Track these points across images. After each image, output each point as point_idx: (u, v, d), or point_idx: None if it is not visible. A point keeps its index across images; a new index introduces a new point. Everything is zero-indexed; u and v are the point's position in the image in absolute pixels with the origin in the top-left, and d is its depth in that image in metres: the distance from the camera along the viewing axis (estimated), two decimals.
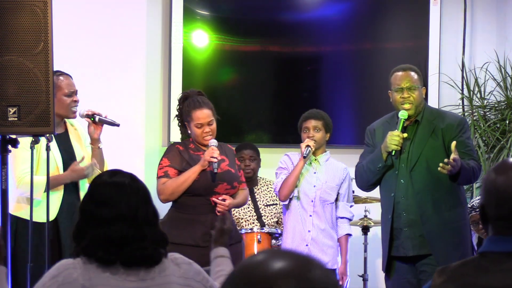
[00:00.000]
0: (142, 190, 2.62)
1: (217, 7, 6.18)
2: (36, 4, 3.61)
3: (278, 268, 1.36)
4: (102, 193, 2.61)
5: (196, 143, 4.66)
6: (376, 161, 4.45)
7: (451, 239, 4.41)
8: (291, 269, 1.36)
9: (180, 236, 4.48)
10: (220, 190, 4.59)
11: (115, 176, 2.65)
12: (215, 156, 4.49)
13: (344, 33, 6.34)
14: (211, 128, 4.62)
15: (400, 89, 4.44)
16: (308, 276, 1.36)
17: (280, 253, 1.40)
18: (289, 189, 4.87)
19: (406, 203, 4.41)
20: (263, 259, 1.39)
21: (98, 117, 4.54)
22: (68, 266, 2.57)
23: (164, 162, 4.63)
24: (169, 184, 4.54)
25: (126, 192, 2.59)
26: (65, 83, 4.57)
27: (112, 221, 2.55)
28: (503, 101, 6.29)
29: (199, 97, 4.69)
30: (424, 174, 4.41)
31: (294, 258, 1.39)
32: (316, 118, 4.95)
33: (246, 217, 5.71)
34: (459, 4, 6.45)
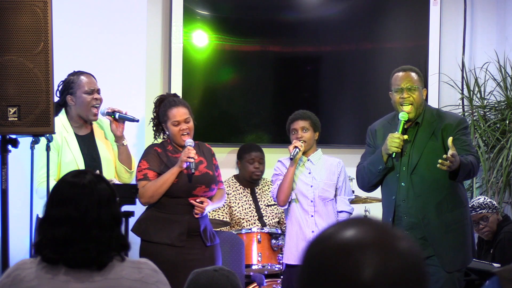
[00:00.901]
0: (98, 192, 2.60)
1: (217, 7, 6.18)
2: (36, 4, 3.61)
3: (360, 237, 1.27)
4: (56, 193, 2.63)
5: (174, 144, 4.67)
6: (376, 163, 4.44)
7: (454, 240, 4.40)
8: (374, 239, 1.27)
9: (157, 235, 4.50)
10: (199, 193, 4.60)
11: (76, 176, 2.64)
12: (191, 156, 4.49)
13: (344, 33, 6.34)
14: (188, 126, 4.62)
15: (400, 89, 4.43)
16: (394, 247, 1.27)
17: (362, 222, 1.30)
18: (285, 194, 4.85)
19: (407, 206, 4.40)
20: (343, 228, 1.29)
21: (118, 114, 4.56)
22: (19, 266, 2.61)
23: (142, 165, 4.62)
24: (148, 187, 4.54)
25: (79, 193, 2.58)
26: (85, 81, 4.59)
27: (61, 221, 2.56)
28: (503, 101, 6.29)
29: (175, 98, 4.73)
30: (424, 176, 4.40)
31: (378, 227, 1.28)
32: (303, 119, 4.93)
33: (247, 217, 5.71)
34: (459, 4, 6.45)
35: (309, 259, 1.29)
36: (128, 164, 4.61)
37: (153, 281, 2.61)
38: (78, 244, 2.54)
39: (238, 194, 5.81)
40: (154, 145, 4.74)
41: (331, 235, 1.29)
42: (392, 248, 1.26)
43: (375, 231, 1.27)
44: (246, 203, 5.78)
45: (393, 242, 1.27)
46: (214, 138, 6.04)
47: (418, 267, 1.27)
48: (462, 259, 4.42)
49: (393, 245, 1.27)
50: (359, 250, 1.25)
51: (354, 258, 1.24)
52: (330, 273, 1.24)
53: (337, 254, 1.26)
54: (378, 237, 1.27)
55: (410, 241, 1.29)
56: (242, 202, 5.78)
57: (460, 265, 4.41)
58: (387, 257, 1.24)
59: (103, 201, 2.59)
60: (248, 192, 5.84)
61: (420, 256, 1.28)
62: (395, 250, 1.26)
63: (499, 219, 5.52)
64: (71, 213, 2.56)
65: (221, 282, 2.71)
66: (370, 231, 1.27)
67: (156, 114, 4.74)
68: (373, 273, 1.23)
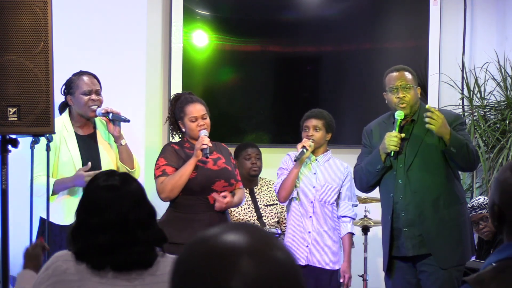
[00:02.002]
0: (133, 193, 2.60)
1: (217, 7, 6.18)
2: (36, 4, 3.61)
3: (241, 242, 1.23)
4: (92, 200, 2.61)
5: (190, 141, 4.68)
6: (375, 163, 4.44)
7: (450, 238, 4.40)
8: (250, 245, 1.23)
9: (180, 236, 4.49)
10: (218, 188, 4.60)
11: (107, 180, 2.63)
12: (205, 143, 4.51)
13: (344, 33, 6.34)
14: (206, 122, 4.65)
15: (395, 88, 4.44)
16: (270, 255, 1.24)
17: (242, 227, 1.27)
18: (286, 191, 4.85)
19: (405, 203, 4.41)
20: (222, 232, 1.26)
21: (112, 114, 4.56)
22: (58, 258, 2.60)
23: (160, 162, 4.64)
24: (167, 181, 4.55)
25: (116, 197, 2.58)
26: (84, 82, 4.60)
27: (102, 228, 2.55)
28: (503, 101, 6.29)
29: (191, 95, 4.76)
30: (420, 173, 4.40)
31: (256, 234, 1.25)
32: (317, 118, 4.94)
33: (246, 217, 5.71)
34: (459, 4, 6.45)
35: (184, 259, 1.26)
36: (129, 163, 4.61)
37: None
38: (125, 248, 2.54)
39: None
40: (171, 142, 4.78)
41: (209, 238, 1.26)
42: (267, 256, 1.23)
43: (253, 238, 1.24)
44: (245, 203, 5.78)
45: (269, 250, 1.24)
46: (214, 138, 6.00)
47: (292, 277, 1.24)
48: (458, 256, 4.41)
49: (268, 253, 1.23)
50: (232, 255, 1.22)
51: (225, 263, 1.21)
52: (201, 277, 1.21)
53: (209, 257, 1.22)
54: (254, 244, 1.23)
55: (287, 251, 1.26)
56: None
57: (456, 262, 4.40)
58: (260, 264, 1.21)
59: (138, 200, 2.60)
60: (247, 192, 5.84)
61: (296, 268, 1.25)
62: (270, 259, 1.23)
63: None
64: (112, 219, 2.55)
65: None
66: (248, 237, 1.24)
67: (172, 112, 4.76)
68: (244, 280, 1.19)
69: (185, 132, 4.71)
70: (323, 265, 4.83)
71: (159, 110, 6.16)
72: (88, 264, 2.55)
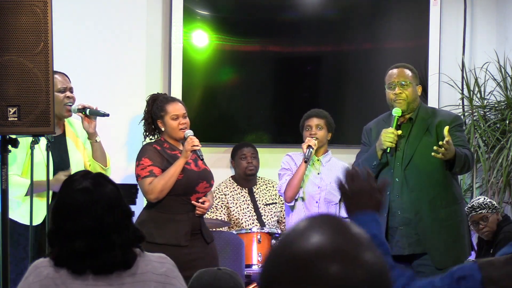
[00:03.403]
0: (108, 196, 2.57)
1: (217, 7, 6.18)
2: (36, 4, 3.60)
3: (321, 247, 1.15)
4: (66, 204, 2.58)
5: (170, 142, 4.65)
6: (371, 159, 4.44)
7: (447, 237, 4.40)
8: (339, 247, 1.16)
9: (163, 236, 4.48)
10: (200, 189, 4.60)
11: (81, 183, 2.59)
12: (196, 144, 4.50)
13: (344, 33, 6.34)
14: (186, 121, 4.63)
15: (393, 84, 4.44)
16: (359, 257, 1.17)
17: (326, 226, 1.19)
18: (294, 191, 4.85)
19: (401, 201, 4.40)
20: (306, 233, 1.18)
21: (89, 110, 4.49)
22: (39, 265, 2.58)
23: (145, 162, 4.59)
24: (157, 182, 4.52)
25: (90, 201, 2.54)
26: (57, 80, 4.52)
27: (78, 233, 2.52)
28: (503, 101, 6.29)
29: (168, 96, 4.77)
30: (418, 172, 4.40)
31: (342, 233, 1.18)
32: (319, 117, 4.95)
33: (246, 217, 5.71)
34: (459, 4, 6.45)
35: (269, 267, 1.20)
36: (103, 161, 4.54)
37: (174, 275, 2.63)
38: (102, 252, 2.53)
39: (235, 194, 5.81)
40: (151, 143, 4.72)
41: (291, 243, 1.19)
42: (355, 258, 1.16)
43: (339, 238, 1.17)
44: (244, 203, 5.78)
45: (357, 251, 1.17)
46: (214, 138, 6.04)
47: (382, 279, 1.17)
48: (455, 256, 4.41)
49: (356, 255, 1.16)
50: (319, 263, 1.15)
51: (314, 272, 1.14)
52: (287, 284, 1.16)
53: (294, 264, 1.16)
54: (341, 246, 1.16)
55: (376, 252, 1.19)
56: (240, 202, 5.78)
57: (452, 262, 4.40)
58: (348, 268, 1.14)
59: (113, 203, 2.57)
60: (246, 192, 5.84)
61: (385, 267, 1.18)
62: (359, 261, 1.16)
63: (499, 219, 5.52)
64: (87, 223, 2.53)
65: (224, 279, 2.74)
66: (334, 238, 1.17)
67: (148, 112, 4.72)
68: (332, 286, 1.14)
69: (164, 131, 4.67)
70: None
71: None
72: (68, 269, 2.54)
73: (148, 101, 4.77)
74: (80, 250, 2.52)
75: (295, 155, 4.97)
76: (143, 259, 2.61)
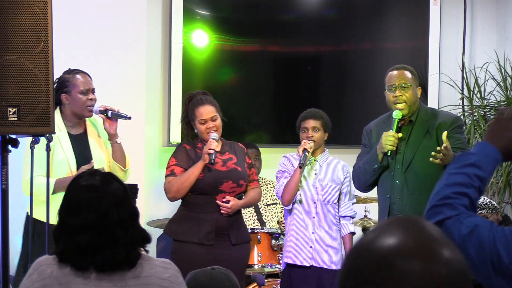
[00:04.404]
0: (113, 193, 2.58)
1: (217, 7, 6.18)
2: (36, 4, 3.61)
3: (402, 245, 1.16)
4: (71, 200, 2.60)
5: (203, 142, 4.69)
6: (372, 162, 4.44)
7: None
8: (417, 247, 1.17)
9: (186, 234, 4.54)
10: (226, 189, 4.61)
11: (87, 180, 2.61)
12: (212, 147, 4.52)
13: (344, 33, 6.34)
14: (215, 124, 4.65)
15: (393, 87, 4.44)
16: (438, 255, 1.17)
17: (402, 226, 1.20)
18: (291, 194, 4.85)
19: (401, 204, 4.40)
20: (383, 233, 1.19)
21: (111, 112, 4.53)
22: (42, 263, 2.59)
23: (171, 162, 4.69)
24: (174, 182, 4.59)
25: (95, 197, 2.56)
26: (81, 81, 4.57)
27: (81, 229, 2.54)
28: (503, 101, 6.29)
29: (203, 96, 4.75)
30: (418, 174, 4.40)
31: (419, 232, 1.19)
32: (315, 118, 4.92)
33: (246, 217, 5.71)
34: (459, 4, 6.45)
35: (350, 270, 1.21)
36: (122, 162, 4.58)
37: (178, 281, 2.63)
38: (105, 249, 2.53)
39: None
40: (185, 142, 4.80)
41: (370, 243, 1.20)
42: (435, 256, 1.17)
43: (416, 237, 1.18)
44: None
45: (436, 249, 1.18)
46: None
47: (463, 274, 1.19)
48: None
49: (436, 253, 1.17)
50: (401, 261, 1.16)
51: (397, 270, 1.15)
52: (370, 285, 1.17)
53: (378, 266, 1.17)
54: (419, 245, 1.17)
55: (454, 248, 1.20)
56: None
57: None
58: (428, 267, 1.15)
59: (119, 200, 2.58)
60: None
61: (464, 263, 1.20)
62: (438, 259, 1.17)
63: (498, 219, 5.51)
64: (91, 219, 2.54)
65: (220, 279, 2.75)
66: (412, 237, 1.18)
67: (185, 112, 4.76)
68: (414, 284, 1.15)
69: (197, 133, 4.73)
70: (326, 265, 4.82)
71: (159, 110, 6.16)
72: (71, 266, 2.55)
73: (185, 101, 4.82)
74: (82, 246, 2.52)
75: (292, 156, 4.96)
76: (147, 263, 2.61)
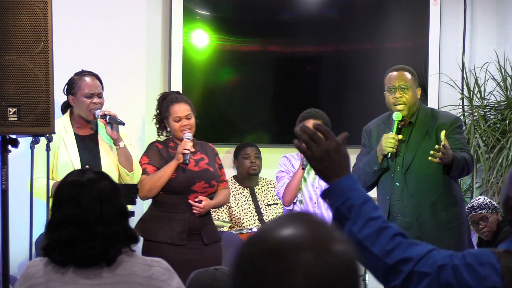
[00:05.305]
0: (99, 190, 2.60)
1: (217, 7, 6.18)
2: (36, 4, 3.61)
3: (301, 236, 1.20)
4: (57, 195, 2.64)
5: (175, 141, 4.69)
6: (372, 164, 4.44)
7: (449, 240, 4.39)
8: (312, 239, 1.20)
9: (158, 234, 4.51)
10: (198, 189, 4.61)
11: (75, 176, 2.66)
12: (187, 148, 4.51)
13: (344, 33, 6.34)
14: (189, 122, 4.64)
15: (393, 88, 4.43)
16: (331, 249, 1.21)
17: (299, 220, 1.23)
18: (292, 195, 4.84)
19: (401, 206, 4.40)
20: (280, 226, 1.22)
21: (108, 117, 4.54)
22: (29, 265, 2.65)
23: (143, 160, 4.68)
24: (146, 181, 4.57)
25: (79, 193, 2.59)
26: (86, 83, 4.58)
27: (64, 222, 2.57)
28: (503, 101, 6.29)
29: (177, 95, 4.77)
30: (418, 176, 4.39)
31: (314, 226, 1.22)
32: (315, 118, 4.91)
33: (247, 217, 5.71)
34: (459, 4, 6.45)
35: (243, 259, 1.24)
36: (128, 166, 4.58)
37: (164, 278, 2.62)
38: (83, 243, 2.56)
39: (237, 194, 5.81)
40: (156, 141, 4.79)
41: (266, 234, 1.23)
42: (328, 249, 1.20)
43: (312, 231, 1.21)
44: (246, 203, 5.78)
45: (329, 243, 1.21)
46: (214, 138, 6.03)
47: (352, 268, 1.21)
48: None
49: (329, 247, 1.20)
50: (292, 252, 1.18)
51: (286, 261, 1.18)
52: (262, 276, 1.19)
53: (269, 256, 1.20)
54: (314, 238, 1.20)
55: (347, 243, 1.23)
56: (242, 202, 5.78)
57: None
58: (321, 259, 1.18)
59: (104, 197, 2.60)
60: (247, 192, 5.84)
61: (355, 258, 1.23)
62: (331, 252, 1.20)
63: (498, 219, 5.51)
64: (73, 213, 2.57)
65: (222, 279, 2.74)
66: (307, 230, 1.21)
67: (159, 111, 4.78)
68: (306, 276, 1.17)
69: (170, 131, 4.71)
70: None
71: None
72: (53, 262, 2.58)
73: (159, 99, 4.83)
74: (63, 239, 2.55)
75: (292, 156, 4.95)
76: (131, 260, 2.61)
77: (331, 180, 1.98)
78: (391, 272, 1.85)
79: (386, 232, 1.88)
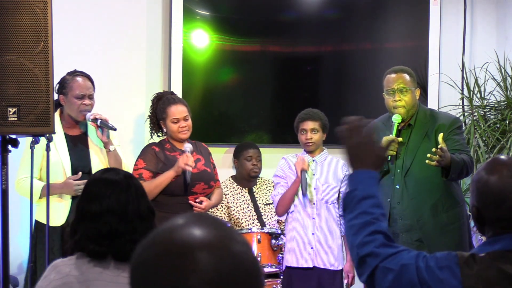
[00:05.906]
0: (134, 187, 2.69)
1: (217, 7, 6.18)
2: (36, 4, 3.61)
3: (198, 237, 1.20)
4: (93, 189, 2.68)
5: (171, 143, 4.68)
6: None
7: (449, 241, 4.39)
8: (210, 240, 1.21)
9: None
10: (198, 190, 4.61)
11: (108, 173, 2.74)
12: (189, 164, 4.51)
13: (344, 33, 6.34)
14: (187, 124, 4.65)
15: (392, 91, 4.43)
16: (229, 250, 1.21)
17: (198, 221, 1.24)
18: (285, 208, 4.86)
19: (402, 208, 4.40)
20: (178, 227, 1.22)
21: (99, 121, 4.53)
22: (58, 264, 2.64)
23: (139, 164, 4.64)
24: None
25: (117, 187, 2.66)
26: (77, 84, 4.57)
27: (102, 215, 2.61)
28: (503, 101, 6.29)
29: (173, 96, 4.77)
30: (418, 178, 4.39)
31: (213, 227, 1.23)
32: (313, 119, 4.90)
33: (246, 217, 5.71)
34: (459, 4, 6.45)
35: (140, 260, 1.24)
36: None
37: None
38: (123, 236, 2.60)
39: (236, 194, 5.81)
40: (152, 144, 4.75)
41: (164, 235, 1.23)
42: (226, 251, 1.20)
43: (210, 232, 1.21)
44: (244, 202, 5.78)
45: (228, 244, 1.21)
46: (214, 138, 6.04)
47: (252, 272, 1.22)
48: None
49: (226, 248, 1.21)
50: (189, 252, 1.19)
51: (182, 261, 1.18)
52: (158, 277, 1.19)
53: (166, 256, 1.20)
54: (212, 239, 1.20)
55: (246, 244, 1.24)
56: (240, 202, 5.78)
57: None
58: (219, 260, 1.18)
59: (140, 195, 2.69)
60: (246, 192, 5.84)
61: (255, 262, 1.23)
62: (229, 253, 1.20)
63: None
64: (112, 206, 2.62)
65: None
66: (205, 231, 1.21)
67: (153, 111, 4.76)
68: (202, 277, 1.17)
69: (167, 132, 4.70)
70: (328, 266, 4.81)
71: None
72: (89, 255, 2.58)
73: (153, 100, 4.81)
74: (103, 231, 2.59)
75: (291, 157, 4.95)
76: None
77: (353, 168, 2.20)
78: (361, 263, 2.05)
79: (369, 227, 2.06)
